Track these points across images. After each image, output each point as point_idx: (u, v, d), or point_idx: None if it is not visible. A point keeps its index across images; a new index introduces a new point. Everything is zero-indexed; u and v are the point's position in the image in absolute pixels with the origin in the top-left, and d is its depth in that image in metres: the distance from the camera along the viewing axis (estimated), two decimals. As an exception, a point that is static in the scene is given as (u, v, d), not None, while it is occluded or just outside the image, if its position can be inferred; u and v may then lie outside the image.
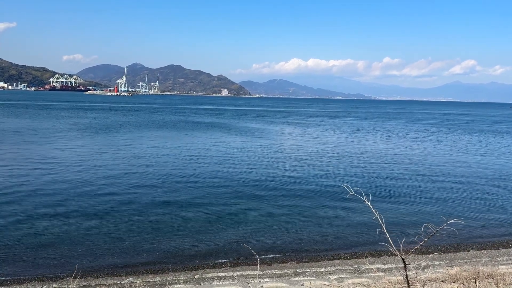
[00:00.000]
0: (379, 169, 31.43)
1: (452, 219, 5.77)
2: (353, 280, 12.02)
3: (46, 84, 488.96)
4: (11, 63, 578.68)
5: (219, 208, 19.63)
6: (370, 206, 5.98)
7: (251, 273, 12.71)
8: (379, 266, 13.52)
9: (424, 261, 10.74)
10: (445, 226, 5.48)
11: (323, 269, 13.33)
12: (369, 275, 12.53)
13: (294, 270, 13.17)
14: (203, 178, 26.30)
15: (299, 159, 35.74)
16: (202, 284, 11.86)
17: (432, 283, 9.00)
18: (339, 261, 14.24)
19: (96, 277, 12.41)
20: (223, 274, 12.69)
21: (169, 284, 11.84)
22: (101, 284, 11.75)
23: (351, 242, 16.06)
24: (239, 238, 15.79)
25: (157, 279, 12.27)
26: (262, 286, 11.64)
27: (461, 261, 13.91)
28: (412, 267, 8.40)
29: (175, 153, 37.01)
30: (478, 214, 20.22)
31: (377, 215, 5.85)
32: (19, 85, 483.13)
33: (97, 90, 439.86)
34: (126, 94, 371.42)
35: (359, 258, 14.30)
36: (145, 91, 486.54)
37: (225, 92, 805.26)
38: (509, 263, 13.85)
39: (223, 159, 34.30)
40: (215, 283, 11.97)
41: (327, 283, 11.69)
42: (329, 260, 14.27)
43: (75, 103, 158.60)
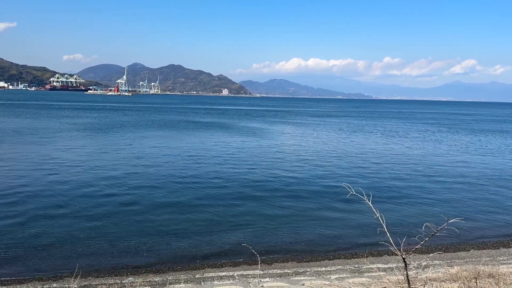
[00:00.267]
0: (379, 169, 31.43)
1: (453, 219, 5.77)
2: (353, 279, 12.02)
3: (46, 84, 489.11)
4: (12, 63, 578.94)
5: (219, 208, 19.64)
6: (371, 205, 5.99)
7: (251, 272, 12.71)
8: (379, 265, 13.52)
9: (425, 260, 10.73)
10: (445, 226, 5.48)
11: (323, 268, 13.33)
12: (370, 274, 12.53)
13: (295, 269, 13.17)
14: (203, 178, 26.31)
15: (299, 159, 35.73)
16: (202, 284, 11.87)
17: (433, 282, 9.00)
18: (340, 260, 14.24)
19: (96, 276, 12.42)
20: (223, 273, 12.69)
21: (170, 283, 11.85)
22: (101, 284, 11.76)
23: (351, 242, 16.06)
24: (239, 238, 15.79)
25: (157, 278, 12.27)
26: (262, 286, 11.65)
27: (462, 261, 13.91)
28: (413, 266, 8.40)
29: (175, 153, 37.03)
30: (478, 214, 20.21)
31: (377, 215, 5.85)
32: (19, 85, 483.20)
33: (97, 90, 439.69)
34: (126, 93, 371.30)
35: (360, 258, 14.30)
36: (145, 91, 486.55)
37: (225, 92, 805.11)
38: (510, 263, 13.84)
39: (223, 159, 34.30)
40: (216, 282, 11.98)
41: (327, 282, 11.69)
42: (329, 260, 14.27)
43: (76, 102, 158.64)
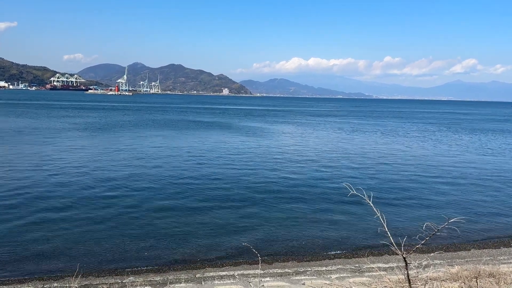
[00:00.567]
0: (379, 169, 31.42)
1: (453, 218, 5.76)
2: (354, 279, 12.03)
3: (47, 84, 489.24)
4: (12, 62, 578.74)
5: (219, 208, 19.64)
6: (371, 205, 5.98)
7: (252, 272, 12.72)
8: (380, 265, 13.51)
9: (425, 260, 10.70)
10: (446, 225, 5.47)
11: (324, 268, 13.33)
12: (370, 274, 12.53)
13: (295, 269, 13.17)
14: (204, 179, 26.31)
15: (299, 159, 35.73)
16: (203, 283, 11.87)
17: (434, 282, 9.00)
18: (340, 260, 14.25)
19: (97, 276, 12.43)
20: (224, 273, 12.70)
21: (170, 283, 11.85)
22: (102, 283, 11.76)
23: (352, 241, 16.06)
24: (240, 238, 15.80)
25: (158, 278, 12.28)
26: (263, 285, 11.65)
27: (462, 260, 13.91)
28: (414, 266, 8.38)
29: (175, 153, 37.03)
30: (479, 213, 20.21)
31: (378, 214, 5.84)
32: (20, 84, 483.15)
33: (98, 90, 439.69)
34: (127, 93, 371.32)
35: (360, 257, 14.30)
36: (145, 91, 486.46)
37: (225, 92, 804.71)
38: (510, 262, 13.84)
39: (224, 159, 34.31)
40: (216, 282, 11.98)
41: (328, 282, 11.69)
42: (330, 259, 14.28)
43: (76, 102, 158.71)
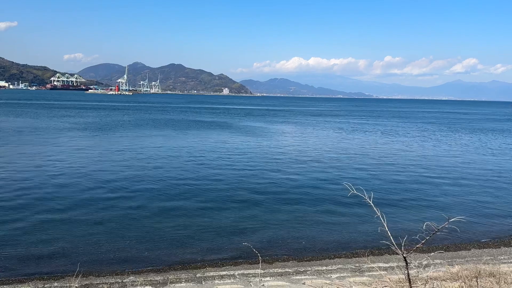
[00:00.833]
0: (380, 169, 31.42)
1: (453, 218, 5.76)
2: (354, 278, 12.02)
3: (47, 83, 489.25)
4: (12, 62, 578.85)
5: (220, 208, 19.65)
6: (372, 204, 5.98)
7: (252, 271, 12.72)
8: (380, 264, 13.51)
9: (426, 259, 10.71)
10: (446, 225, 5.47)
11: (324, 267, 13.33)
12: (371, 273, 12.53)
13: (296, 268, 13.17)
14: (204, 179, 26.32)
15: (300, 159, 35.73)
16: (203, 283, 11.87)
17: (434, 281, 9.00)
18: (341, 259, 14.25)
19: (97, 276, 12.43)
20: (224, 272, 12.70)
21: (171, 282, 11.85)
22: (102, 283, 11.77)
23: (352, 241, 16.06)
24: (240, 237, 15.80)
25: (158, 277, 12.28)
26: (263, 285, 11.65)
27: (463, 260, 13.90)
28: (414, 265, 8.38)
29: (176, 153, 37.04)
30: (479, 213, 20.20)
31: (378, 214, 5.83)
32: (20, 84, 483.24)
33: (98, 89, 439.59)
34: (127, 93, 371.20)
35: (361, 257, 14.29)
36: (146, 90, 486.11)
37: (226, 91, 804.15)
38: (511, 262, 13.83)
39: (224, 159, 34.32)
40: (217, 281, 11.98)
41: (328, 281, 11.69)
42: (330, 259, 14.28)
43: (76, 102, 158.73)
